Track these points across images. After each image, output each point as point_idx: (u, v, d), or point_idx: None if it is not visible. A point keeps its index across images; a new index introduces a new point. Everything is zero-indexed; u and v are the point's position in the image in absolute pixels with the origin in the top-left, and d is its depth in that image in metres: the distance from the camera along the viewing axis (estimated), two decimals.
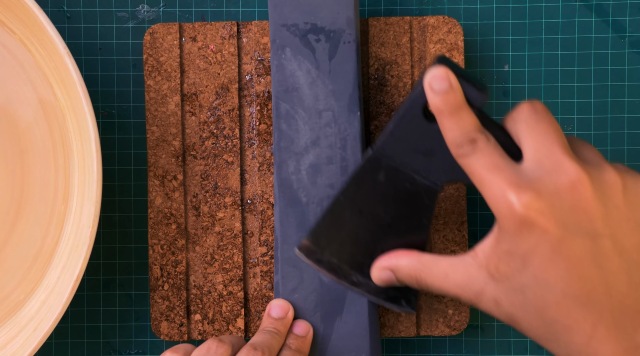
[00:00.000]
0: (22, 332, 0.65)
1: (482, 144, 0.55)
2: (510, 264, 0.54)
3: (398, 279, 0.60)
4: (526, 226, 0.53)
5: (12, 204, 0.67)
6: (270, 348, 0.60)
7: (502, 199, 0.53)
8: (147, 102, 0.67)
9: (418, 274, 0.59)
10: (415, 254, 0.59)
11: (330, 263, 0.62)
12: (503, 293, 0.55)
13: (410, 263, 0.59)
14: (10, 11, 0.65)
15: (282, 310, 0.64)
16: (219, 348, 0.59)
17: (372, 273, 0.61)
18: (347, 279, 0.62)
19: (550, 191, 0.53)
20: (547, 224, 0.52)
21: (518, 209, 0.53)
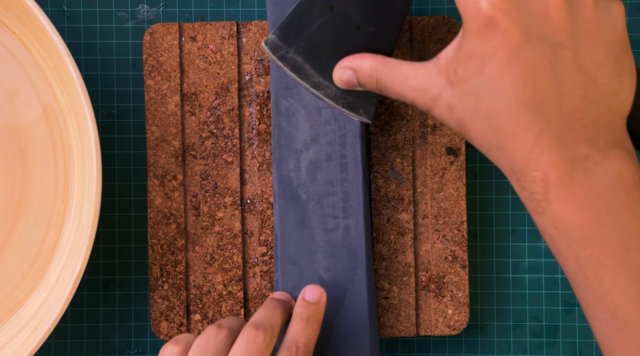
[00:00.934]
0: (22, 332, 0.65)
1: None
2: (468, 67, 0.54)
3: (359, 81, 0.60)
4: (490, 25, 0.52)
5: (12, 204, 0.67)
6: (273, 325, 0.58)
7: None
8: (147, 102, 0.67)
9: (379, 75, 0.58)
10: (379, 56, 0.59)
11: (294, 61, 0.61)
12: (457, 97, 0.55)
13: (373, 64, 0.59)
14: (10, 11, 0.65)
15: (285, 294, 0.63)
16: (218, 333, 0.58)
17: (334, 73, 0.60)
18: (309, 80, 0.61)
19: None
20: (510, 26, 0.52)
21: (484, 8, 0.52)
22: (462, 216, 0.67)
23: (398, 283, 0.67)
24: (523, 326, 0.70)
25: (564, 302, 0.70)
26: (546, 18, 0.53)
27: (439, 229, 0.67)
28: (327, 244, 0.64)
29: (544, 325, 0.70)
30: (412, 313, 0.67)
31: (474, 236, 0.70)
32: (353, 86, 0.60)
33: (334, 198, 0.64)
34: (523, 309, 0.70)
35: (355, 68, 0.60)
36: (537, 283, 0.70)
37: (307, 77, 0.61)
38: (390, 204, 0.67)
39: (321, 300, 0.61)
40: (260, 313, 0.60)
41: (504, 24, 0.52)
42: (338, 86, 0.61)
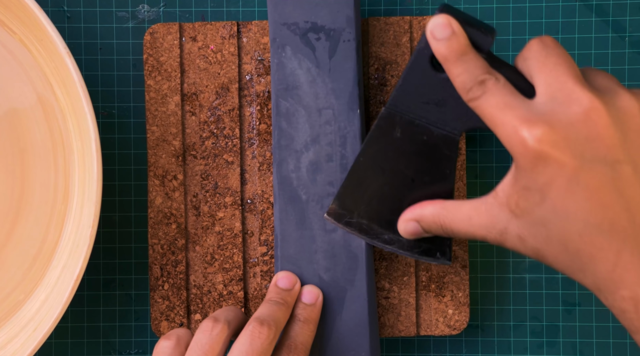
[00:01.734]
0: (22, 332, 0.65)
1: (491, 84, 0.55)
2: (529, 199, 0.53)
3: (424, 229, 0.60)
4: (541, 160, 0.52)
5: (12, 204, 0.67)
6: (277, 322, 0.59)
7: (515, 135, 0.53)
8: (147, 102, 0.67)
9: (442, 220, 0.58)
10: (439, 202, 0.59)
11: (360, 224, 0.62)
12: (526, 229, 0.54)
13: (434, 211, 0.59)
14: (10, 11, 0.65)
15: (289, 281, 0.63)
16: (214, 327, 0.58)
17: (399, 226, 0.61)
18: (379, 238, 0.62)
19: (563, 123, 0.52)
20: (562, 156, 0.52)
21: (531, 144, 0.52)
22: None
23: (398, 283, 0.67)
24: (523, 326, 0.70)
25: (565, 302, 0.70)
26: (596, 139, 0.52)
27: None
28: (327, 244, 0.64)
29: (544, 324, 0.70)
30: (413, 313, 0.67)
31: None
32: (420, 235, 0.61)
33: None
34: (523, 309, 0.70)
35: (417, 218, 0.60)
36: (537, 282, 0.70)
37: (376, 236, 0.62)
38: None
39: (317, 301, 0.63)
40: (264, 308, 0.60)
41: (555, 155, 0.52)
42: (406, 237, 0.61)
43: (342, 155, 0.64)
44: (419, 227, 0.60)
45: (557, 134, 0.52)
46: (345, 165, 0.64)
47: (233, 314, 0.60)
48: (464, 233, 0.58)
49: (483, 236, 0.57)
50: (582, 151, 0.52)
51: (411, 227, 0.61)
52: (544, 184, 0.53)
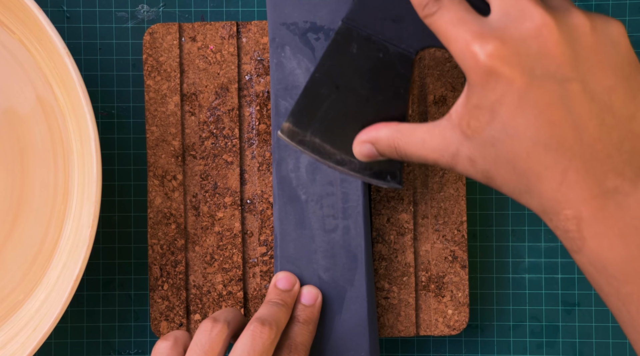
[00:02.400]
0: (22, 332, 0.65)
1: (447, 0, 0.54)
2: (479, 118, 0.53)
3: (379, 152, 0.60)
4: (492, 75, 0.52)
5: (12, 204, 0.67)
6: (278, 322, 0.60)
7: (467, 51, 0.52)
8: (147, 102, 0.67)
9: (397, 143, 0.58)
10: (394, 124, 0.59)
11: (313, 143, 0.61)
12: (476, 150, 0.54)
13: (389, 133, 0.59)
14: (10, 11, 0.65)
15: (289, 281, 0.63)
16: (213, 328, 0.58)
17: (354, 148, 0.61)
18: (331, 158, 0.61)
19: (515, 39, 0.52)
20: (512, 72, 0.52)
21: (482, 59, 0.52)
22: (462, 216, 0.67)
23: (398, 283, 0.67)
24: (523, 326, 0.70)
25: (564, 302, 0.70)
26: (547, 55, 0.52)
27: (439, 229, 0.67)
28: (326, 244, 0.64)
29: (543, 325, 0.70)
30: (412, 313, 0.67)
31: (474, 236, 0.70)
32: (375, 158, 0.61)
33: (334, 198, 0.64)
34: (523, 309, 0.70)
35: (372, 140, 0.60)
36: (537, 283, 0.70)
37: (328, 156, 0.62)
38: (390, 204, 0.67)
39: (316, 302, 0.63)
40: (265, 309, 0.60)
41: (505, 71, 0.52)
42: (360, 160, 0.61)
43: None
44: (374, 149, 0.60)
45: (508, 50, 0.52)
46: None
47: (232, 315, 0.61)
48: (417, 156, 0.58)
49: (435, 160, 0.57)
50: (532, 68, 0.52)
51: (366, 149, 0.60)
52: (494, 102, 0.52)
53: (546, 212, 0.53)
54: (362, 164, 0.62)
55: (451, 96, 0.67)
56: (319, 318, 0.64)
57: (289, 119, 0.61)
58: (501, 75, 0.52)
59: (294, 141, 0.61)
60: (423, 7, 0.55)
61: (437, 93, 0.67)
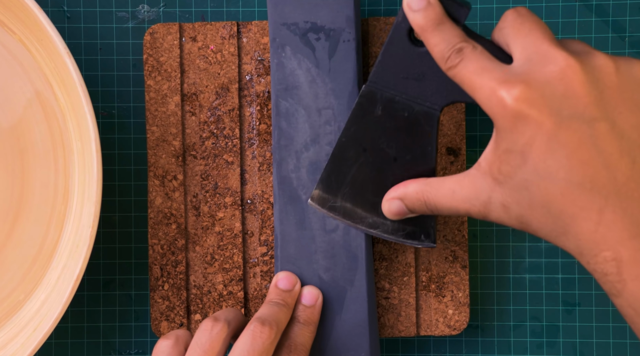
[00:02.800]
0: (22, 332, 0.65)
1: (469, 51, 0.55)
2: (510, 162, 0.54)
3: (408, 208, 0.60)
4: (520, 119, 0.52)
5: (12, 204, 0.67)
6: (278, 322, 0.60)
7: (493, 97, 0.53)
8: (147, 102, 0.67)
9: (426, 197, 0.59)
10: (422, 179, 0.59)
11: (344, 209, 0.62)
12: (509, 195, 0.54)
13: (417, 188, 0.59)
14: (10, 11, 0.65)
15: (290, 282, 0.63)
16: (214, 327, 0.59)
17: (383, 206, 0.61)
18: (363, 222, 0.62)
19: (540, 81, 0.52)
20: (540, 114, 0.52)
21: (509, 103, 0.52)
22: (462, 217, 0.67)
23: (398, 283, 0.67)
24: (523, 326, 0.70)
25: (564, 302, 0.70)
26: (573, 96, 0.52)
27: (439, 229, 0.67)
28: (327, 244, 0.64)
29: (544, 325, 0.70)
30: (413, 313, 0.67)
31: (474, 236, 0.70)
32: (404, 215, 0.61)
33: None
34: (523, 309, 0.70)
35: (401, 197, 0.60)
36: (537, 283, 0.70)
37: (360, 220, 0.62)
38: None
39: (317, 303, 0.64)
40: (265, 309, 0.61)
41: (533, 113, 0.52)
42: (390, 218, 0.61)
43: None
44: (403, 206, 0.60)
45: (534, 92, 0.52)
46: None
47: (233, 315, 0.61)
48: (448, 208, 0.58)
49: (467, 210, 0.57)
50: (559, 109, 0.52)
51: (395, 206, 0.60)
52: (524, 145, 0.53)
53: (583, 254, 0.53)
54: (394, 225, 0.62)
55: None
56: (319, 318, 0.64)
57: (319, 186, 0.62)
58: (529, 117, 0.52)
59: (325, 208, 0.62)
60: (446, 60, 0.56)
61: None
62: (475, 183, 0.56)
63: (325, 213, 0.62)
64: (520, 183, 0.54)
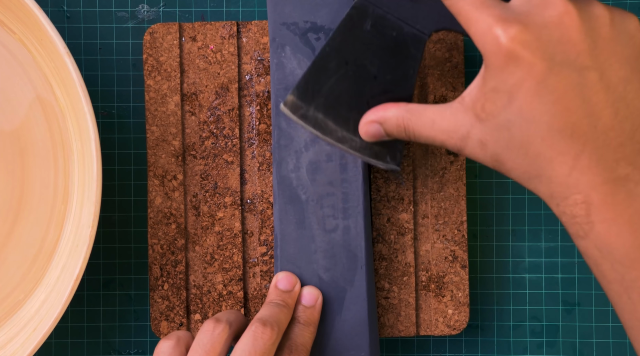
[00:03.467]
0: (22, 332, 0.65)
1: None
2: (496, 101, 0.54)
3: (386, 132, 0.60)
4: (512, 59, 0.52)
5: (12, 204, 0.67)
6: (279, 323, 0.60)
7: (489, 33, 0.53)
8: (147, 102, 0.67)
9: (406, 123, 0.58)
10: (402, 104, 0.59)
11: (315, 119, 0.61)
12: (489, 133, 0.55)
13: (398, 113, 0.59)
14: (10, 11, 0.65)
15: (289, 282, 0.63)
16: (215, 328, 0.59)
17: (360, 127, 0.61)
18: (332, 135, 0.61)
19: (537, 24, 0.53)
20: (533, 57, 0.52)
21: (504, 42, 0.52)
22: (462, 216, 0.67)
23: (398, 283, 0.67)
24: (523, 326, 0.70)
25: (564, 302, 0.70)
26: (567, 43, 0.53)
27: (439, 229, 0.67)
28: (326, 244, 0.64)
29: (544, 324, 0.70)
30: (412, 313, 0.67)
31: (474, 236, 0.70)
32: (381, 138, 0.60)
33: (334, 198, 0.64)
34: (523, 309, 0.70)
35: (380, 120, 0.60)
36: (537, 283, 0.70)
37: (329, 132, 0.61)
38: (390, 204, 0.67)
39: (317, 303, 0.64)
40: (266, 310, 0.61)
41: (526, 56, 0.52)
42: (365, 139, 0.61)
43: (342, 155, 0.64)
44: (381, 129, 0.60)
45: (530, 34, 0.52)
46: (345, 165, 0.64)
47: (234, 316, 0.61)
48: (426, 137, 0.58)
49: (443, 141, 0.57)
50: (552, 54, 0.52)
51: (373, 129, 0.60)
52: (512, 86, 0.53)
53: (554, 197, 0.54)
54: (362, 143, 0.61)
55: (451, 96, 0.67)
56: (319, 318, 0.64)
57: (294, 92, 0.61)
58: (522, 59, 0.52)
59: (296, 115, 0.61)
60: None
61: (437, 93, 0.67)
62: (457, 116, 0.56)
63: (295, 120, 0.61)
64: (502, 122, 0.54)
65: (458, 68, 0.67)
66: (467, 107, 0.56)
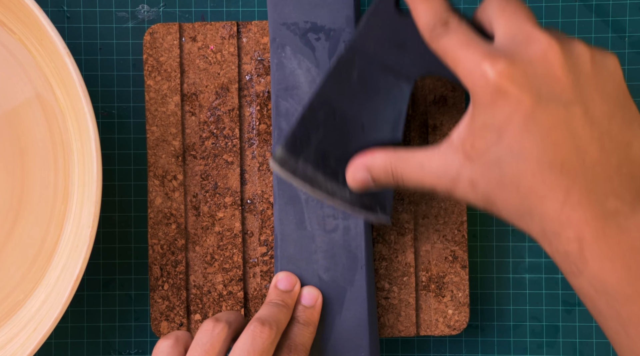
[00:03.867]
0: (22, 332, 0.65)
1: (455, 23, 0.55)
2: (486, 138, 0.54)
3: (373, 178, 0.59)
4: (501, 94, 0.53)
5: (12, 204, 0.67)
6: (278, 323, 0.60)
7: (477, 69, 0.53)
8: (147, 102, 0.67)
9: (394, 167, 0.58)
10: (390, 149, 0.59)
11: (304, 173, 0.61)
12: (479, 171, 0.54)
13: (385, 158, 0.59)
14: (10, 11, 0.65)
15: (289, 282, 0.64)
16: (215, 327, 0.59)
17: (347, 174, 0.60)
18: (321, 188, 0.61)
19: (523, 60, 0.53)
20: (520, 91, 0.52)
21: (492, 78, 0.53)
22: (462, 216, 0.67)
23: (398, 283, 0.67)
24: (523, 326, 0.70)
25: (564, 302, 0.70)
26: (552, 77, 0.53)
27: (439, 229, 0.67)
28: (326, 244, 0.64)
29: (544, 324, 0.70)
30: (412, 313, 0.67)
31: (474, 236, 0.70)
32: (368, 185, 0.60)
33: None
34: (523, 309, 0.70)
35: (368, 165, 0.59)
36: (537, 283, 0.70)
37: (319, 185, 0.61)
38: None
39: (316, 303, 0.64)
40: (265, 310, 0.61)
41: (514, 90, 0.52)
42: (352, 188, 0.61)
43: None
44: (368, 176, 0.59)
45: (517, 69, 0.53)
46: None
47: (234, 317, 0.61)
48: (414, 181, 0.57)
49: (433, 185, 0.57)
50: (539, 89, 0.53)
51: (360, 175, 0.60)
52: (502, 121, 0.53)
53: (546, 235, 0.54)
54: (352, 195, 0.61)
55: (451, 96, 0.67)
56: (319, 319, 0.64)
57: (283, 144, 0.61)
58: (510, 94, 0.53)
59: (285, 169, 0.61)
60: (431, 29, 0.56)
61: (437, 93, 0.67)
62: (446, 158, 0.56)
63: (284, 176, 0.61)
64: (492, 159, 0.54)
65: None
66: (456, 148, 0.55)
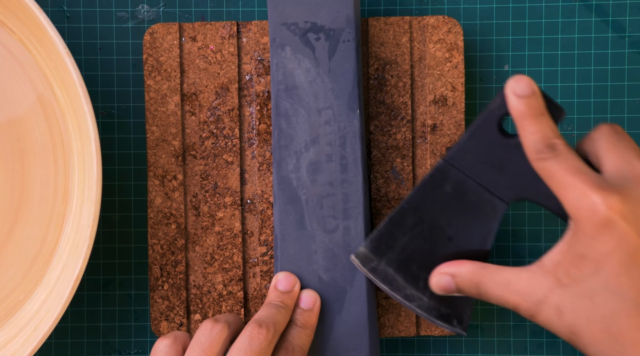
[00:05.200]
0: (22, 332, 0.65)
1: (562, 148, 0.55)
2: (582, 268, 0.53)
3: (457, 286, 0.59)
4: (607, 227, 0.52)
5: (12, 204, 0.67)
6: (276, 324, 0.60)
7: (585, 199, 0.53)
8: (147, 102, 0.67)
9: (479, 280, 0.58)
10: (478, 262, 0.59)
11: (385, 274, 0.61)
12: (569, 300, 0.54)
13: (472, 269, 0.58)
14: (10, 11, 0.65)
15: (289, 283, 0.64)
16: (214, 327, 0.59)
17: (432, 278, 0.60)
18: (400, 292, 0.61)
19: (633, 198, 0.53)
20: (628, 228, 0.52)
21: (601, 210, 0.52)
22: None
23: None
24: (523, 326, 0.70)
25: None
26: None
27: None
28: (326, 245, 0.64)
29: None
30: (412, 313, 0.67)
31: None
32: (450, 292, 0.60)
33: (334, 198, 0.64)
34: None
35: (454, 274, 0.59)
36: None
37: (398, 289, 0.61)
38: (390, 204, 0.67)
39: (315, 306, 0.64)
40: (263, 311, 0.61)
41: (622, 227, 0.52)
42: (435, 291, 0.61)
43: (342, 155, 0.64)
44: (452, 283, 0.59)
45: (628, 206, 0.52)
46: (345, 165, 0.64)
47: (233, 318, 0.61)
48: (497, 297, 0.57)
49: (516, 304, 0.56)
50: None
51: (444, 281, 0.60)
52: (603, 254, 0.52)
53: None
54: (430, 303, 0.61)
55: (451, 96, 0.67)
56: (317, 321, 0.64)
57: (367, 244, 0.61)
58: (617, 229, 0.52)
59: (366, 268, 0.62)
60: (538, 151, 0.56)
61: (437, 93, 0.67)
62: (535, 279, 0.55)
63: (365, 272, 0.62)
64: (585, 291, 0.53)
65: (458, 68, 0.67)
66: (547, 271, 0.55)
